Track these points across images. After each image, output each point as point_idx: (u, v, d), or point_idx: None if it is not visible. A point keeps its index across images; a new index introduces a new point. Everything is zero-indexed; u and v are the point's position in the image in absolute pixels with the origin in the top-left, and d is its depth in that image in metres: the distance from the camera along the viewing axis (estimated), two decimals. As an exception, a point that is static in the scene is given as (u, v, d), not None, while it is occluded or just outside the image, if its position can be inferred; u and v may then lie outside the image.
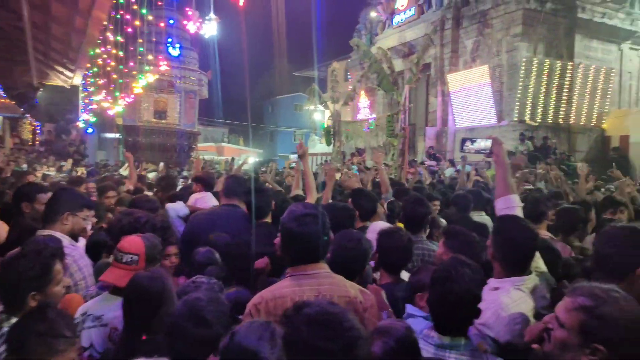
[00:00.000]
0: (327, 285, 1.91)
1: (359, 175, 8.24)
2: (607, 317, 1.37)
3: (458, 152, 15.42)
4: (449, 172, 12.92)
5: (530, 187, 7.19)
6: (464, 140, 3.01)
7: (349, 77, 25.66)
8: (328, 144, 17.25)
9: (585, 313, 1.41)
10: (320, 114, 22.27)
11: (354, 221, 3.19)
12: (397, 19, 20.69)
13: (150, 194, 4.74)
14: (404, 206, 3.61)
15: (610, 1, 16.78)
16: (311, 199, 3.55)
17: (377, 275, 2.75)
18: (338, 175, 7.98)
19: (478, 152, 2.91)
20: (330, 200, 3.84)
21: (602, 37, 17.00)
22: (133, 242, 2.19)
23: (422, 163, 14.07)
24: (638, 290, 1.70)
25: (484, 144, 2.87)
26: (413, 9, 19.86)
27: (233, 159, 16.02)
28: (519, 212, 2.56)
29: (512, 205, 2.58)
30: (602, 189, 9.09)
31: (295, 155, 5.06)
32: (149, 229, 2.50)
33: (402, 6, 20.41)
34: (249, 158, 26.72)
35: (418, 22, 19.46)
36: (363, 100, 22.29)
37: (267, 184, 5.63)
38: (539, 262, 2.43)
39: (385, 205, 4.35)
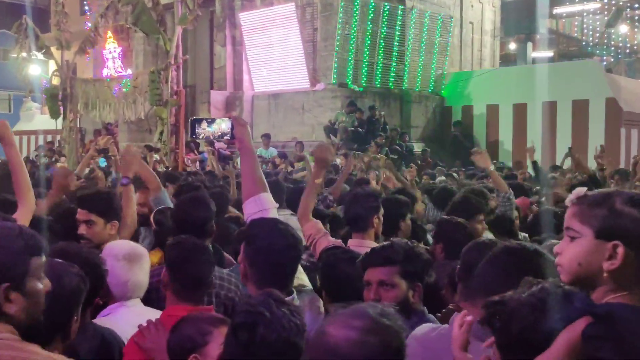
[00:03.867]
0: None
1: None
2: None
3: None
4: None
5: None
6: (194, 123, 3.24)
7: (86, 9, 24.41)
8: (54, 115, 16.14)
9: None
10: (39, 67, 20.70)
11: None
12: None
13: None
14: (176, 209, 3.79)
15: None
16: (26, 210, 3.46)
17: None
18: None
19: (220, 137, 3.20)
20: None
21: (439, -26, 19.34)
22: None
23: (211, 144, 14.12)
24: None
25: (225, 125, 3.10)
26: None
27: None
28: (273, 214, 2.95)
29: (264, 207, 2.96)
30: (442, 177, 10.35)
31: None
32: None
33: None
34: None
35: None
36: (111, 47, 21.41)
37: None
38: (302, 277, 2.83)
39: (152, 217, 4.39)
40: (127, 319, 2.74)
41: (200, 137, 3.13)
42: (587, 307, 1.75)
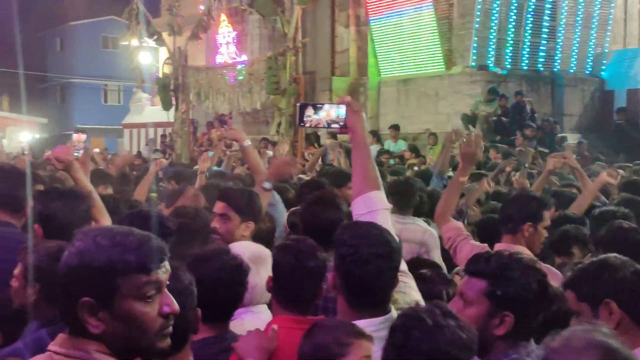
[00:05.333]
0: None
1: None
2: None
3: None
4: (372, 150, 13.29)
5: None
6: (303, 107, 3.23)
7: (199, -10, 25.32)
8: (166, 106, 16.90)
9: None
10: (150, 55, 21.69)
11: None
12: None
13: None
14: (303, 210, 3.86)
15: None
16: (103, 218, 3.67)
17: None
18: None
19: (329, 125, 3.19)
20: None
21: None
22: None
23: (334, 137, 14.31)
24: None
25: (335, 112, 3.13)
26: None
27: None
28: (384, 216, 2.97)
29: (374, 207, 2.97)
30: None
31: (82, 135, 5.12)
32: None
33: None
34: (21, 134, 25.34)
35: None
36: (225, 32, 22.08)
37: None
38: (411, 294, 2.84)
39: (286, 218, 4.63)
40: (254, 327, 2.78)
41: (307, 125, 3.18)
42: None
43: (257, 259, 3.09)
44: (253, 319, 3.00)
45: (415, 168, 10.90)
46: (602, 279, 2.64)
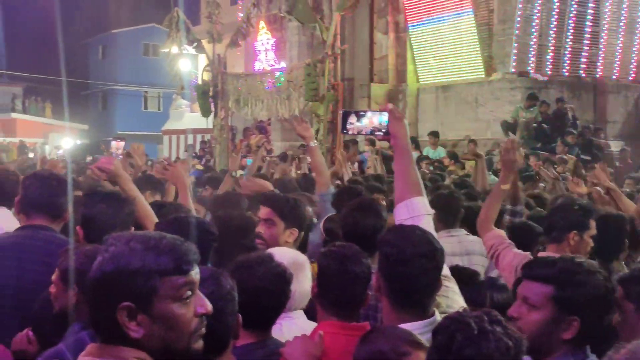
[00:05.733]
0: None
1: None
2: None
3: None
4: (411, 157, 13.26)
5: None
6: (345, 115, 3.28)
7: (238, -2, 25.49)
8: (205, 113, 17.02)
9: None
10: (189, 62, 21.90)
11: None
12: None
13: None
14: (344, 216, 3.81)
15: None
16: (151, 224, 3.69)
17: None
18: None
19: (372, 132, 3.28)
20: None
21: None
22: None
23: (372, 144, 14.31)
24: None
25: (377, 119, 3.20)
26: None
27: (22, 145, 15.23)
28: (427, 222, 3.02)
29: (417, 213, 3.04)
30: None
31: (120, 142, 5.16)
32: None
33: None
34: (63, 140, 25.69)
35: None
36: (264, 39, 22.20)
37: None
38: (455, 298, 2.85)
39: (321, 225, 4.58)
40: (292, 332, 2.81)
41: (350, 132, 3.25)
42: None
43: (295, 265, 3.08)
44: (290, 324, 3.00)
45: (453, 176, 10.83)
46: None
